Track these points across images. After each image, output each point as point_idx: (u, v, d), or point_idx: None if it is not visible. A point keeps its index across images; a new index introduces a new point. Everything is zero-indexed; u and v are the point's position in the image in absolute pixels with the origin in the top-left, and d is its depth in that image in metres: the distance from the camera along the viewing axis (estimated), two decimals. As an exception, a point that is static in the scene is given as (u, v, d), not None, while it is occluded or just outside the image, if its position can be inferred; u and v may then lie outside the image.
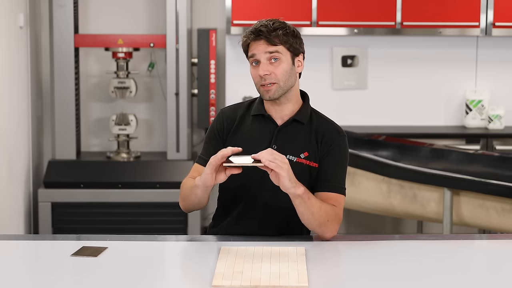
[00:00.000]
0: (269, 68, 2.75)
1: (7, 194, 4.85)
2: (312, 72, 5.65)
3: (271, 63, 2.76)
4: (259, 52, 2.76)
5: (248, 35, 2.78)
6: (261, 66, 2.76)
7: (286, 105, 2.83)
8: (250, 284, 2.29)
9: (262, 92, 2.78)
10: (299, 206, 2.66)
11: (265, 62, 2.75)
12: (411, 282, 2.38)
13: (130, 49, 5.42)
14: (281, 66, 2.76)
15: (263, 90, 2.77)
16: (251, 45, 2.78)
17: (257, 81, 2.78)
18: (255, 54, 2.77)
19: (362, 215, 5.37)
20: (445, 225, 4.21)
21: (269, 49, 2.75)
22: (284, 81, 2.77)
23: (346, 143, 2.85)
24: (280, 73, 2.76)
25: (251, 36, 2.77)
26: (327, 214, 2.70)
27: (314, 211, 2.67)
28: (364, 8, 5.40)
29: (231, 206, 2.87)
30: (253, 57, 2.77)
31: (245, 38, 2.80)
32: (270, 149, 2.61)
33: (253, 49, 2.77)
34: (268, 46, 2.75)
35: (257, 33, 2.76)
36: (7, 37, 4.84)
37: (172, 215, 5.23)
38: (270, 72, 2.75)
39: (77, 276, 2.44)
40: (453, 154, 4.76)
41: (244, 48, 2.82)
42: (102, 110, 5.75)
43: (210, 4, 5.71)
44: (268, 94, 2.77)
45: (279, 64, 2.76)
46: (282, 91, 2.77)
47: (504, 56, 5.72)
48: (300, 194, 2.63)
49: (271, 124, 2.83)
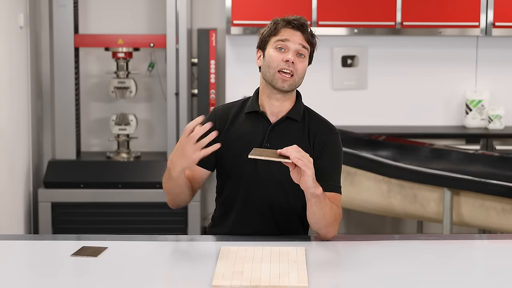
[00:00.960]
0: (296, 59, 2.76)
1: (7, 194, 4.85)
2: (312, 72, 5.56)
3: (297, 56, 2.77)
4: (293, 40, 2.76)
5: (289, 20, 2.78)
6: (291, 53, 2.75)
7: (284, 102, 2.82)
8: (250, 284, 2.29)
9: (277, 79, 2.75)
10: (314, 206, 2.65)
11: (294, 52, 2.76)
12: (411, 282, 2.38)
13: (130, 49, 5.42)
14: (304, 63, 2.78)
15: (279, 77, 2.75)
16: (283, 30, 2.77)
17: (277, 64, 2.75)
18: (288, 40, 2.75)
19: (362, 215, 5.38)
20: (445, 225, 4.21)
21: (304, 43, 2.76)
22: (300, 78, 2.78)
23: (339, 140, 2.84)
24: (301, 68, 2.77)
25: (295, 22, 2.77)
26: (335, 214, 2.71)
27: (326, 212, 2.67)
28: (364, 8, 5.40)
29: (229, 206, 2.87)
30: (283, 41, 2.76)
31: (284, 21, 2.78)
32: (296, 146, 2.57)
33: (287, 35, 2.76)
34: (303, 40, 2.77)
35: (300, 24, 2.77)
36: (7, 37, 4.84)
37: (172, 215, 5.23)
38: (296, 63, 2.75)
39: (77, 276, 2.44)
40: (453, 154, 4.76)
41: (275, 28, 2.78)
42: (102, 110, 5.75)
43: (210, 4, 5.71)
44: (283, 83, 2.75)
45: (303, 60, 2.78)
46: (295, 86, 2.78)
47: (504, 56, 5.72)
48: (318, 195, 2.62)
49: (264, 122, 2.83)
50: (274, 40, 2.77)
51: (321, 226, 2.71)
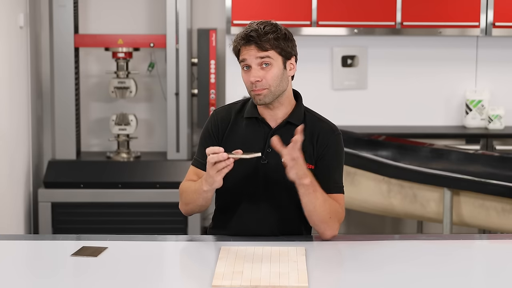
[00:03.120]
0: (260, 73, 2.73)
1: (7, 194, 4.85)
2: (312, 72, 5.65)
3: (262, 68, 2.73)
4: (249, 58, 2.73)
5: (238, 41, 2.75)
6: (252, 72, 2.73)
7: (278, 108, 2.81)
8: (250, 284, 2.29)
9: (254, 97, 2.76)
10: (303, 196, 2.66)
11: (256, 67, 2.73)
12: (411, 282, 2.38)
13: (130, 49, 5.42)
14: (272, 71, 2.73)
15: (254, 94, 2.75)
16: (242, 50, 2.76)
17: (248, 86, 2.76)
18: (246, 59, 2.74)
19: (362, 215, 5.38)
20: (445, 225, 4.21)
21: (260, 54, 2.72)
22: (276, 86, 2.75)
23: (341, 141, 2.84)
24: (271, 78, 2.73)
25: (242, 42, 2.74)
26: (330, 211, 2.70)
27: (317, 205, 2.66)
28: (364, 8, 5.40)
29: (229, 207, 2.87)
30: (244, 61, 2.75)
31: (235, 44, 2.77)
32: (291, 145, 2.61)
33: (244, 54, 2.75)
34: (258, 51, 2.72)
35: (247, 39, 2.73)
36: (7, 37, 4.84)
37: (172, 215, 5.23)
38: (261, 78, 2.72)
39: (77, 276, 2.44)
40: (453, 154, 4.76)
41: (235, 52, 2.79)
42: (102, 110, 5.75)
43: (210, 4, 5.71)
44: (259, 98, 2.75)
45: (270, 69, 2.73)
46: (274, 96, 2.75)
47: (504, 56, 5.71)
48: (305, 184, 2.63)
49: (264, 127, 2.82)
50: (240, 61, 2.78)
51: (315, 220, 2.71)
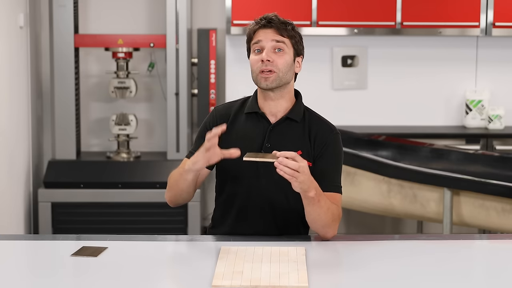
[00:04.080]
0: (273, 56, 2.75)
1: (7, 194, 4.85)
2: (312, 72, 5.65)
3: (275, 52, 2.75)
4: (266, 39, 2.75)
5: (258, 21, 2.78)
6: (265, 52, 2.74)
7: (279, 101, 2.81)
8: (250, 284, 2.29)
9: (260, 80, 2.76)
10: (307, 206, 2.66)
11: (270, 49, 2.75)
12: (411, 282, 2.38)
13: (130, 49, 5.42)
14: (284, 57, 2.76)
15: (261, 76, 2.75)
16: (257, 32, 2.77)
17: (256, 67, 2.76)
18: (261, 40, 2.75)
19: (362, 215, 5.38)
20: (445, 225, 4.21)
21: (277, 38, 2.75)
22: (284, 73, 2.76)
23: (340, 140, 2.84)
24: (282, 63, 2.75)
25: (262, 22, 2.77)
26: (333, 215, 2.70)
27: (321, 213, 2.67)
28: (364, 8, 5.40)
29: (229, 207, 2.87)
30: (258, 43, 2.76)
31: (254, 24, 2.79)
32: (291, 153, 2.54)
33: (260, 36, 2.76)
34: (276, 35, 2.75)
35: (268, 21, 2.77)
36: (7, 37, 4.84)
37: (172, 215, 5.23)
38: (273, 59, 2.74)
39: (77, 276, 2.44)
40: (453, 154, 4.76)
41: (250, 34, 2.79)
42: (102, 110, 5.75)
43: (210, 4, 5.71)
44: (266, 81, 2.75)
45: (283, 55, 2.76)
46: (279, 82, 2.76)
47: (504, 56, 5.72)
48: (310, 197, 2.62)
49: (264, 123, 2.82)
50: (253, 43, 2.78)
51: (318, 226, 2.72)
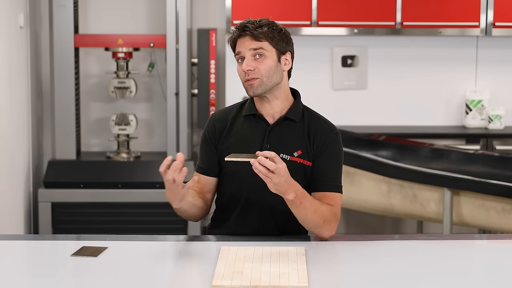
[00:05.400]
0: (253, 63, 2.75)
1: (7, 194, 4.85)
2: (312, 72, 5.65)
3: (256, 59, 2.75)
4: (244, 49, 2.76)
5: (233, 32, 2.79)
6: (245, 62, 2.75)
7: (274, 102, 2.82)
8: (250, 284, 2.29)
9: (246, 88, 2.78)
10: (290, 208, 2.67)
11: (250, 58, 2.75)
12: (411, 282, 2.38)
13: (130, 49, 5.42)
14: (265, 62, 2.75)
15: (247, 85, 2.77)
16: (237, 42, 2.79)
17: (242, 77, 2.78)
18: (241, 51, 2.77)
19: (362, 215, 5.37)
20: (445, 225, 4.21)
21: (254, 45, 2.74)
22: (268, 77, 2.75)
23: (340, 140, 2.84)
24: (264, 68, 2.75)
25: (237, 32, 2.78)
26: (323, 216, 2.69)
27: (307, 214, 2.67)
28: (364, 8, 5.40)
29: (229, 208, 2.87)
30: (238, 54, 2.78)
31: (231, 34, 2.80)
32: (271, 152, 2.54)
33: (239, 46, 2.77)
34: (252, 42, 2.75)
35: (242, 29, 2.76)
36: (7, 37, 4.84)
37: (172, 215, 5.16)
38: (253, 67, 2.74)
39: (77, 276, 2.44)
40: (453, 154, 4.76)
41: (232, 45, 2.81)
42: (102, 110, 5.75)
43: (210, 4, 5.71)
44: (251, 89, 2.76)
45: (263, 60, 2.75)
46: (265, 87, 2.76)
47: (504, 56, 5.72)
48: (290, 200, 2.62)
49: (263, 124, 2.82)
50: (235, 54, 2.80)
51: (308, 226, 2.73)
